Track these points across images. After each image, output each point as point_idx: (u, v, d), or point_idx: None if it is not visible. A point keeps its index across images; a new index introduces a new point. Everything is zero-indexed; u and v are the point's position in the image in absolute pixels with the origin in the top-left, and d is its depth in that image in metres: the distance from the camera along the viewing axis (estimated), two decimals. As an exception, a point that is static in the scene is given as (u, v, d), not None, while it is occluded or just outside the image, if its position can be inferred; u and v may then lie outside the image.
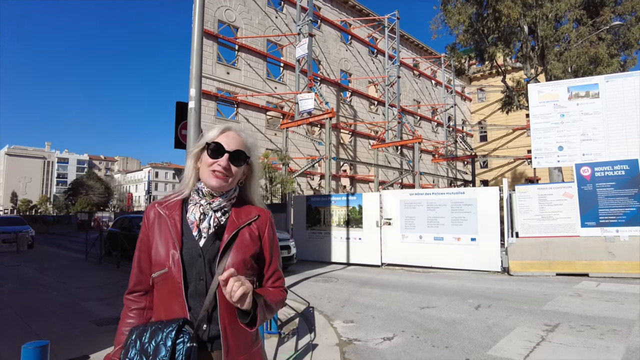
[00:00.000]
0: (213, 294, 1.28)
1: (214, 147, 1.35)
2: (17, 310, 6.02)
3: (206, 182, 1.36)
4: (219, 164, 1.34)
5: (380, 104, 32.81)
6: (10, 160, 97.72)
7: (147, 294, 1.39)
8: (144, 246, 1.39)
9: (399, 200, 10.98)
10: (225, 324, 1.29)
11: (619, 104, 9.35)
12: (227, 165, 1.34)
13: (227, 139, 1.37)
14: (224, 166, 1.34)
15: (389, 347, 4.40)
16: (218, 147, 1.35)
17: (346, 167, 30.39)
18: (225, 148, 1.35)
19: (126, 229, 13.09)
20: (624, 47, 22.13)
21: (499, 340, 4.49)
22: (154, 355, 1.17)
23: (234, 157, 1.36)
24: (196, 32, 5.62)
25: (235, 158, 1.36)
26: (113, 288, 7.87)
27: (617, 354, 3.97)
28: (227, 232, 1.35)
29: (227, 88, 23.42)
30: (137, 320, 1.37)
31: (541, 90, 10.25)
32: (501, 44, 21.07)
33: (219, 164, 1.34)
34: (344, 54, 30.65)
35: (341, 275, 9.54)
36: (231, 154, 1.35)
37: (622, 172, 8.63)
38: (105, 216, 44.13)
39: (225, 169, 1.34)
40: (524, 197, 9.37)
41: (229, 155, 1.35)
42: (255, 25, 24.99)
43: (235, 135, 1.40)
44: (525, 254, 9.02)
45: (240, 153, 1.37)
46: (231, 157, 1.35)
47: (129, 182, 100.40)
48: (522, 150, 38.12)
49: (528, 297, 6.68)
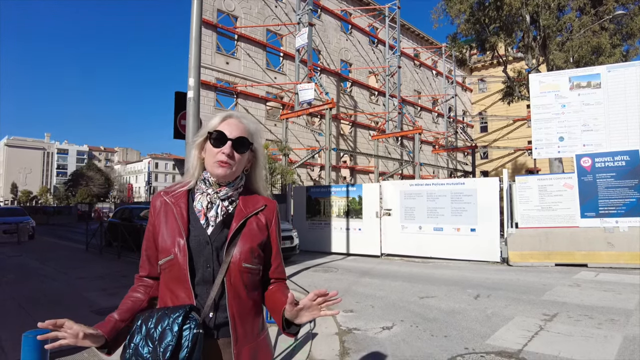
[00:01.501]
0: (220, 282, 1.28)
1: (216, 136, 1.34)
2: (19, 300, 6.05)
3: (212, 172, 1.36)
4: (222, 152, 1.33)
5: (380, 95, 32.64)
6: (10, 151, 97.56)
7: (156, 281, 1.40)
8: (150, 235, 1.39)
9: (399, 191, 10.99)
10: (234, 312, 1.29)
11: (620, 95, 9.29)
12: (230, 153, 1.34)
13: (228, 127, 1.36)
14: (228, 153, 1.33)
15: (388, 336, 4.43)
16: (220, 135, 1.34)
17: (346, 158, 30.35)
18: (227, 136, 1.34)
19: (126, 219, 13.10)
20: (627, 36, 21.93)
21: (498, 329, 4.53)
22: (159, 341, 1.16)
23: (236, 144, 1.35)
24: (195, 21, 5.55)
25: (238, 145, 1.35)
26: (114, 278, 7.91)
27: (614, 343, 4.00)
28: (235, 220, 1.36)
29: (226, 78, 23.28)
30: (142, 295, 1.38)
31: (542, 80, 10.18)
32: (503, 34, 20.90)
33: (223, 152, 1.33)
34: (344, 44, 30.41)
35: (341, 266, 9.59)
36: (234, 141, 1.35)
37: (623, 162, 8.61)
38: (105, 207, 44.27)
39: (229, 156, 1.33)
40: (524, 188, 9.37)
41: (231, 142, 1.34)
42: (254, 15, 24.74)
43: (237, 122, 1.39)
44: (524, 245, 9.05)
45: (243, 139, 1.37)
46: (234, 144, 1.35)
47: (129, 173, 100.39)
48: (522, 141, 38.04)
49: (527, 287, 6.72)
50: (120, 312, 1.31)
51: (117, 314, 1.30)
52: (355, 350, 4.05)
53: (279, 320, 1.34)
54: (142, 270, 1.42)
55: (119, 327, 1.26)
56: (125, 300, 1.36)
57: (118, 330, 1.26)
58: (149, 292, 1.39)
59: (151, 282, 1.41)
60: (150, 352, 1.16)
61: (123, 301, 1.36)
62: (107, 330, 1.23)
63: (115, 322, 1.26)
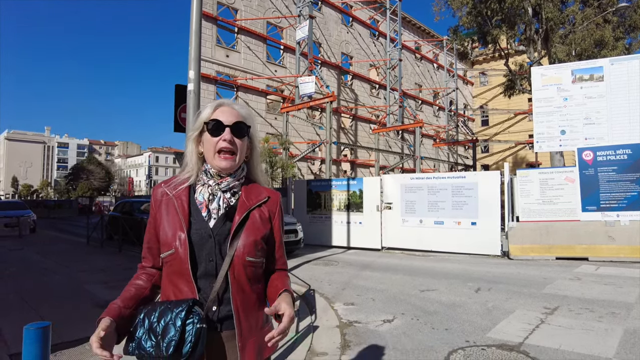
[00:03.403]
0: (224, 276, 1.27)
1: (214, 125, 1.32)
2: (20, 293, 6.07)
3: (214, 165, 1.34)
4: (223, 140, 1.31)
5: (381, 88, 32.51)
6: (10, 145, 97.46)
7: (159, 270, 1.40)
8: (152, 227, 1.38)
9: (400, 184, 10.97)
10: (238, 305, 1.28)
11: (623, 88, 9.23)
12: (231, 139, 1.32)
13: (223, 114, 1.34)
14: (229, 140, 1.31)
15: (389, 329, 4.44)
16: (217, 123, 1.32)
17: (347, 151, 30.31)
18: (224, 123, 1.32)
19: (127, 213, 13.12)
20: (630, 29, 21.80)
21: (499, 322, 4.53)
22: (162, 335, 1.15)
23: (235, 130, 1.33)
24: (195, 14, 5.51)
25: (236, 130, 1.34)
26: (115, 271, 7.92)
27: (615, 336, 4.01)
28: (238, 213, 1.34)
29: (226, 71, 23.17)
30: (145, 283, 1.37)
31: (544, 73, 10.12)
32: (505, 27, 20.75)
33: (224, 139, 1.31)
34: (344, 37, 30.23)
35: (342, 259, 9.60)
36: (232, 127, 1.33)
37: (625, 156, 8.58)
38: (106, 201, 44.31)
39: (230, 143, 1.32)
40: (525, 182, 9.35)
41: (230, 128, 1.32)
42: (254, 7, 24.57)
43: (230, 109, 1.37)
44: (525, 238, 9.05)
45: (241, 124, 1.35)
46: (232, 130, 1.33)
47: (129, 167, 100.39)
48: (523, 134, 37.96)
49: (528, 280, 6.72)
50: (123, 299, 1.29)
51: (120, 300, 1.28)
52: (356, 343, 4.06)
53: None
54: (146, 261, 1.41)
55: (124, 314, 1.25)
56: (127, 287, 1.35)
57: (124, 317, 1.24)
58: (151, 280, 1.38)
59: (154, 271, 1.40)
60: (154, 347, 1.16)
61: (126, 288, 1.35)
62: (114, 317, 1.22)
63: (119, 309, 1.25)
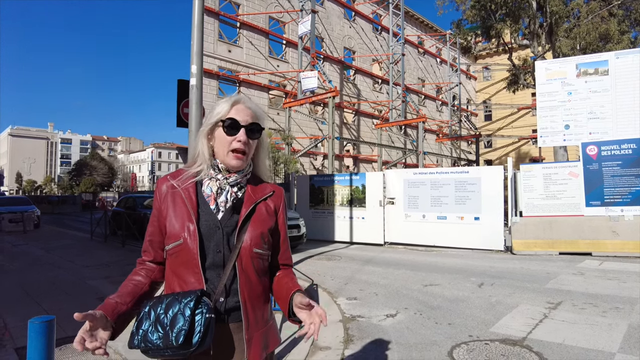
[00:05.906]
0: (232, 267, 1.28)
1: (230, 124, 1.32)
2: (25, 288, 6.11)
3: (225, 162, 1.34)
4: (237, 140, 1.32)
5: (384, 83, 32.38)
6: (14, 141, 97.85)
7: (159, 265, 1.39)
8: (156, 220, 1.37)
9: (403, 179, 10.95)
10: (245, 297, 1.29)
11: (628, 82, 9.15)
12: (246, 140, 1.33)
13: (239, 113, 1.34)
14: (244, 141, 1.32)
15: (392, 323, 4.45)
16: (234, 122, 1.32)
17: (349, 146, 30.26)
18: (240, 123, 1.33)
19: (130, 208, 13.16)
20: (636, 23, 21.56)
21: (502, 317, 4.53)
22: (171, 326, 1.15)
23: (249, 131, 1.34)
24: (197, 9, 5.48)
25: (251, 132, 1.34)
26: (119, 266, 7.96)
27: (619, 331, 3.99)
28: (244, 206, 1.35)
29: (228, 66, 23.12)
30: (144, 279, 1.36)
31: (549, 67, 10.04)
32: (509, 20, 20.59)
33: (238, 140, 1.32)
34: (347, 31, 30.07)
35: (344, 254, 9.61)
36: (247, 128, 1.33)
37: (630, 151, 8.52)
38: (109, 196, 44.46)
39: (245, 144, 1.32)
40: (528, 176, 9.30)
41: (245, 129, 1.33)
42: (256, 2, 24.45)
43: (246, 108, 1.37)
44: (528, 233, 9.02)
45: (256, 125, 1.36)
46: (247, 131, 1.33)
47: (132, 163, 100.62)
48: (527, 129, 37.78)
49: (531, 275, 6.71)
50: (120, 294, 1.28)
51: (116, 296, 1.26)
52: (359, 337, 4.06)
53: (285, 306, 1.33)
54: (146, 255, 1.40)
55: (120, 310, 1.23)
56: (125, 283, 1.33)
57: (120, 312, 1.22)
58: (150, 276, 1.37)
59: (154, 266, 1.39)
60: (161, 338, 1.15)
61: (123, 284, 1.33)
62: (108, 311, 1.19)
63: (115, 304, 1.23)
